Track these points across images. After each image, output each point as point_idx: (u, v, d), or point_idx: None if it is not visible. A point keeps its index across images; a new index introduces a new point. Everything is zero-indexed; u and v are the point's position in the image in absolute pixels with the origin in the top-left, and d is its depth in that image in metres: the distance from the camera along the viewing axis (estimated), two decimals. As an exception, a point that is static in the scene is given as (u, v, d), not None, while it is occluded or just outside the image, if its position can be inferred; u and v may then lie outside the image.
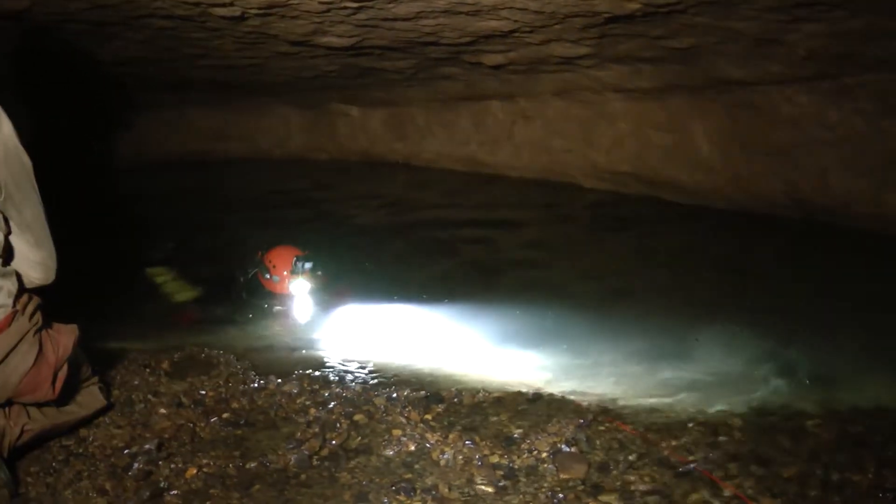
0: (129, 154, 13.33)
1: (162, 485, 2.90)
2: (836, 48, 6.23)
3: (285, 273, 5.47)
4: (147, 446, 3.12)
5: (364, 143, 13.89)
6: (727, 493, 2.86)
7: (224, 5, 5.62)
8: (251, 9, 5.74)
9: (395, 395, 3.77)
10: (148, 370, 3.95)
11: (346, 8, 5.71)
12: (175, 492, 2.86)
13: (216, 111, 13.84)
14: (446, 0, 5.53)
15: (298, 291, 5.48)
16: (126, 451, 3.10)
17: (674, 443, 3.27)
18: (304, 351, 4.57)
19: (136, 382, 3.78)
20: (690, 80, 7.98)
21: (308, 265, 5.46)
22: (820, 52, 6.35)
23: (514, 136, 11.38)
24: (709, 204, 8.86)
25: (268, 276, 5.52)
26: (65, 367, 2.88)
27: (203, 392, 3.71)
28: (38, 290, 2.89)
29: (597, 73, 8.48)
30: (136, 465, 3.00)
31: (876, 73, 6.75)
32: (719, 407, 3.73)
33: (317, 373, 4.12)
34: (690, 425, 3.46)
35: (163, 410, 3.47)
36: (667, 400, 3.83)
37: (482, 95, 10.91)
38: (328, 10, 5.84)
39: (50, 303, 2.94)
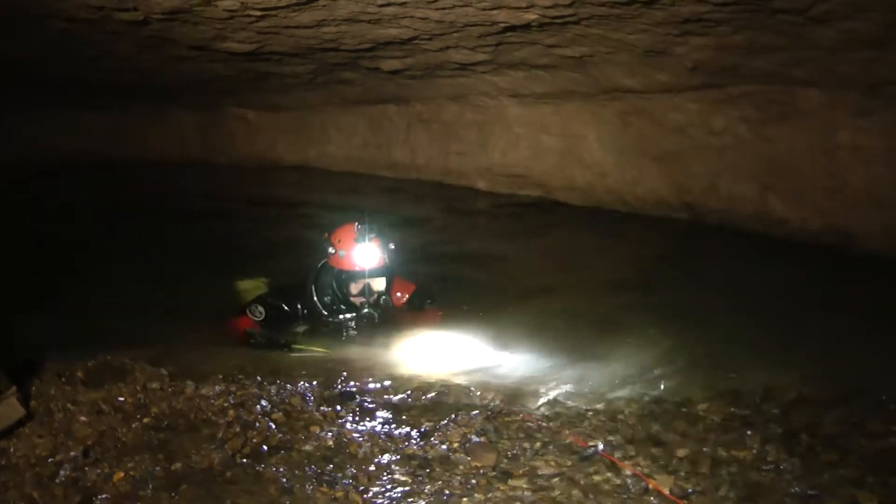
0: (12, 157, 13.01)
1: (91, 490, 2.95)
2: (721, 60, 6.62)
3: (353, 243, 4.94)
4: (72, 453, 3.15)
5: (262, 147, 13.90)
6: (626, 472, 3.11)
7: (128, 10, 5.62)
8: (155, 14, 5.77)
9: (309, 394, 3.89)
10: (63, 379, 3.94)
11: (249, 16, 5.79)
12: (105, 496, 2.92)
13: (111, 114, 13.63)
14: (348, 9, 5.66)
15: (366, 261, 4.94)
16: (50, 460, 3.13)
17: (576, 430, 3.52)
18: (223, 354, 4.62)
19: (52, 392, 3.76)
20: (584, 87, 8.29)
21: (373, 233, 4.94)
22: (706, 63, 6.74)
23: (409, 140, 11.57)
24: (603, 206, 9.21)
25: (332, 250, 5.00)
26: (-13, 380, 2.92)
27: (121, 399, 3.74)
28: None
29: (492, 79, 8.73)
30: (62, 472, 3.03)
31: (758, 83, 7.21)
32: (616, 395, 3.99)
33: (233, 375, 4.19)
34: (590, 414, 3.72)
35: (83, 418, 3.49)
36: (567, 391, 4.06)
37: (379, 99, 11.06)
38: (231, 18, 5.91)
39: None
